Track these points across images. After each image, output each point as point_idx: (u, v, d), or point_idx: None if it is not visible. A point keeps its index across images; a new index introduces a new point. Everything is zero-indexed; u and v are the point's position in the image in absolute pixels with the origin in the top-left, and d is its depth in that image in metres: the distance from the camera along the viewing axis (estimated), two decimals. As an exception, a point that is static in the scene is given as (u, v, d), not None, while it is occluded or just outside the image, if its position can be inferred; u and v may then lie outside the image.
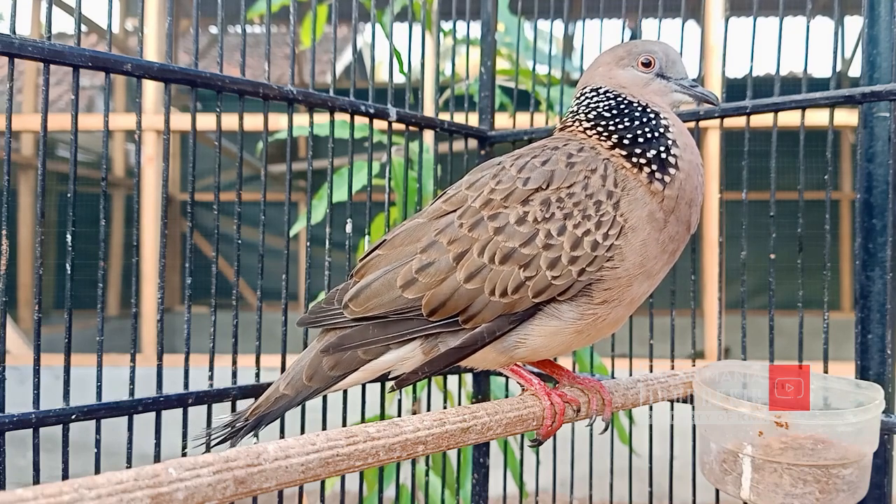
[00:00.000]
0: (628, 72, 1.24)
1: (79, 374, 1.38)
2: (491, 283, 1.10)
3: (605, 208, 1.10)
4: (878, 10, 1.46)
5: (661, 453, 1.60)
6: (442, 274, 1.13)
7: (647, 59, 1.23)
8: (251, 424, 1.21)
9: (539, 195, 1.13)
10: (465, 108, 1.86)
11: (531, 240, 1.10)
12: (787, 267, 1.52)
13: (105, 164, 1.28)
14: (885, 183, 1.42)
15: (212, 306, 1.38)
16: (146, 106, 5.13)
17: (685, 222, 1.16)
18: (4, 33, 1.13)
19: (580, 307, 1.11)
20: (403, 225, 1.24)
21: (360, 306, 1.16)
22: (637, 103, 1.20)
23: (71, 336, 1.21)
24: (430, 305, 1.12)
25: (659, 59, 1.24)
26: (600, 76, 1.25)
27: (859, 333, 1.43)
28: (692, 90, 1.24)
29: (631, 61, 1.24)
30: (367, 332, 1.16)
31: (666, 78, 1.24)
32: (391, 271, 1.16)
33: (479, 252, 1.11)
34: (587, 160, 1.14)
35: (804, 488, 1.12)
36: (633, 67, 1.24)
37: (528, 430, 1.16)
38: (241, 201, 1.42)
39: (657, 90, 1.23)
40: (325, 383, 1.18)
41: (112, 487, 0.69)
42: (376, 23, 1.66)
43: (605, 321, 1.14)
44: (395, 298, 1.14)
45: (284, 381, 1.20)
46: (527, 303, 1.10)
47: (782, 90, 1.52)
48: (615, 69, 1.25)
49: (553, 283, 1.09)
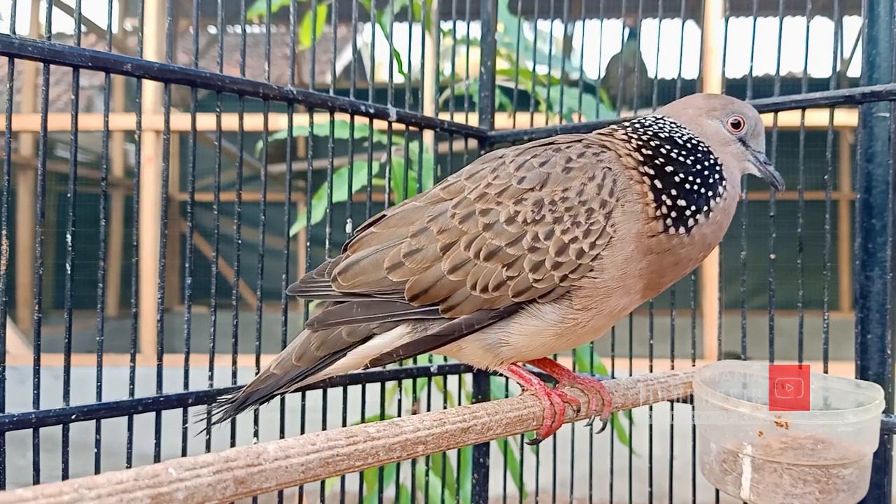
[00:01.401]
0: (715, 125, 1.22)
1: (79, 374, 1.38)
2: (473, 277, 1.11)
3: (595, 217, 1.09)
4: (877, 11, 1.46)
5: (661, 453, 1.60)
6: (428, 262, 1.14)
7: (738, 120, 1.22)
8: (240, 399, 1.21)
9: (532, 195, 1.12)
10: (464, 108, 1.86)
11: (518, 240, 1.10)
12: (787, 267, 1.52)
13: (105, 164, 1.28)
14: (884, 183, 1.42)
15: (211, 306, 1.38)
16: (145, 106, 5.13)
17: (656, 270, 1.14)
18: (4, 33, 1.12)
19: (562, 310, 1.11)
20: (403, 204, 1.25)
21: (347, 281, 1.18)
22: (712, 155, 1.18)
23: (71, 336, 1.21)
24: (413, 291, 1.13)
25: (749, 125, 1.23)
26: (688, 118, 1.23)
27: (859, 333, 1.43)
28: (765, 167, 1.24)
29: (722, 116, 1.22)
30: (352, 310, 1.17)
31: (746, 146, 1.23)
32: (381, 251, 1.18)
33: (466, 246, 1.12)
34: (585, 167, 1.13)
35: (804, 488, 1.12)
36: (721, 123, 1.22)
37: (528, 430, 1.16)
38: (240, 201, 1.42)
39: (735, 154, 1.22)
40: (312, 364, 1.19)
41: (112, 487, 0.69)
42: (376, 23, 1.66)
43: (585, 328, 1.14)
44: (381, 279, 1.16)
45: (276, 360, 1.22)
46: (507, 301, 1.11)
47: (782, 90, 1.52)
48: (704, 118, 1.23)
49: (534, 286, 1.10)
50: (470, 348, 1.17)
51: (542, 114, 1.99)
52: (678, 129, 1.20)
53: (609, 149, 1.17)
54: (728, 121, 1.22)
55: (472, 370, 1.78)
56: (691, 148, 1.17)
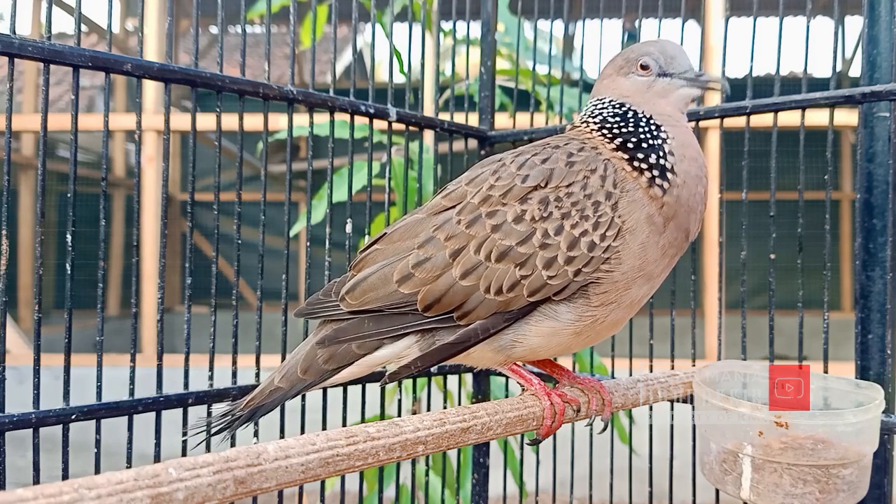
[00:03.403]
0: (630, 79, 1.22)
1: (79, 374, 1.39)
2: (486, 280, 1.10)
3: (603, 209, 1.10)
4: (878, 10, 1.46)
5: (661, 453, 1.60)
6: (438, 270, 1.12)
7: (644, 61, 1.22)
8: (245, 416, 1.21)
9: (537, 193, 1.12)
10: (464, 108, 1.86)
11: (528, 238, 1.10)
12: (787, 267, 1.52)
13: (105, 164, 1.28)
14: (885, 183, 1.42)
15: (212, 306, 1.38)
16: (146, 106, 5.13)
17: (684, 230, 1.16)
18: (4, 33, 1.12)
19: (578, 308, 1.11)
20: (403, 220, 1.24)
21: (356, 299, 1.17)
22: (641, 114, 1.19)
23: (71, 336, 1.21)
24: (426, 301, 1.12)
25: (656, 58, 1.22)
26: (605, 87, 1.25)
27: (859, 333, 1.43)
28: (697, 81, 1.22)
29: (630, 67, 1.23)
30: (363, 325, 1.16)
31: (668, 75, 1.22)
32: (388, 265, 1.16)
33: (476, 249, 1.11)
34: (587, 160, 1.14)
35: (804, 488, 1.12)
36: (633, 73, 1.22)
37: (528, 430, 1.16)
38: (241, 201, 1.42)
39: (661, 91, 1.21)
40: (320, 377, 1.18)
41: (112, 487, 0.69)
42: (376, 23, 1.66)
43: (604, 323, 1.13)
44: (391, 293, 1.14)
45: (280, 373, 1.21)
46: (522, 301, 1.10)
47: (782, 90, 1.52)
48: (618, 79, 1.24)
49: (548, 283, 1.09)
50: (479, 352, 1.16)
51: (543, 114, 1.99)
52: (608, 105, 1.22)
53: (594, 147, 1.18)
54: (636, 67, 1.23)
55: (473, 370, 1.78)
56: (622, 114, 1.19)
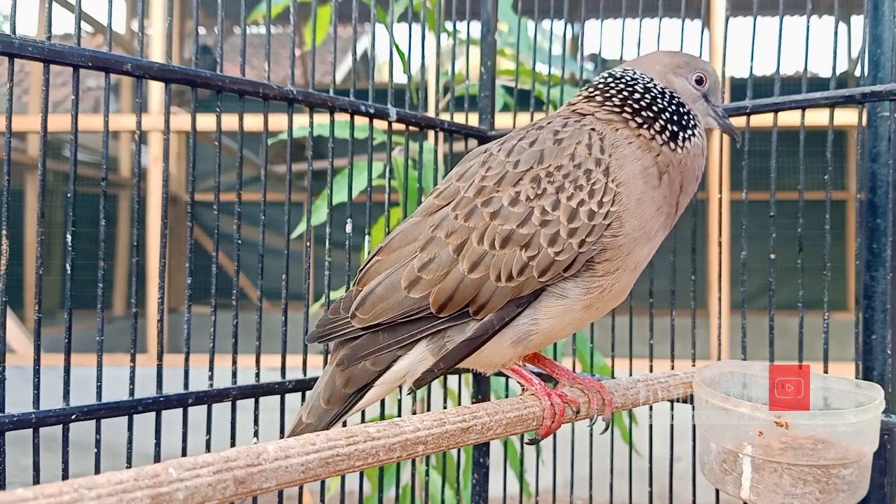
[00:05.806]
0: (681, 82, 1.26)
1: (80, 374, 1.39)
2: (495, 268, 1.09)
3: (595, 176, 1.10)
4: (881, 10, 1.46)
5: (662, 453, 1.59)
6: (445, 268, 1.11)
7: (700, 76, 1.26)
8: None
9: (529, 174, 1.12)
10: (465, 109, 1.86)
11: (527, 219, 1.10)
12: (788, 267, 1.52)
13: (106, 164, 1.28)
14: (888, 183, 1.41)
15: (212, 306, 1.39)
16: (152, 107, 5.14)
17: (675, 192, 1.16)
18: (4, 33, 1.13)
19: (585, 282, 1.11)
20: (399, 228, 1.23)
21: (367, 313, 1.15)
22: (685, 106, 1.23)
23: (71, 336, 1.22)
24: (439, 301, 1.11)
25: (710, 81, 1.27)
26: (657, 73, 1.26)
27: (862, 334, 1.42)
28: (723, 120, 1.30)
29: (688, 73, 1.26)
30: (378, 338, 1.15)
31: (708, 101, 1.28)
32: (393, 273, 1.15)
33: (479, 240, 1.11)
34: (573, 134, 1.14)
35: (804, 488, 1.12)
36: (686, 80, 1.26)
37: (528, 430, 1.16)
38: (241, 201, 1.43)
39: (700, 109, 1.27)
40: (343, 404, 1.17)
41: (112, 487, 0.69)
42: (378, 23, 1.66)
43: (612, 292, 1.13)
44: (402, 300, 1.13)
45: (306, 409, 1.20)
46: (533, 283, 1.09)
47: (783, 90, 1.52)
48: (671, 75, 1.26)
49: (556, 259, 1.08)
50: (492, 348, 1.14)
51: (544, 113, 1.98)
52: (652, 82, 1.23)
53: (586, 114, 1.19)
54: (692, 77, 1.26)
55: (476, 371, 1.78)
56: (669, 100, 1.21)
